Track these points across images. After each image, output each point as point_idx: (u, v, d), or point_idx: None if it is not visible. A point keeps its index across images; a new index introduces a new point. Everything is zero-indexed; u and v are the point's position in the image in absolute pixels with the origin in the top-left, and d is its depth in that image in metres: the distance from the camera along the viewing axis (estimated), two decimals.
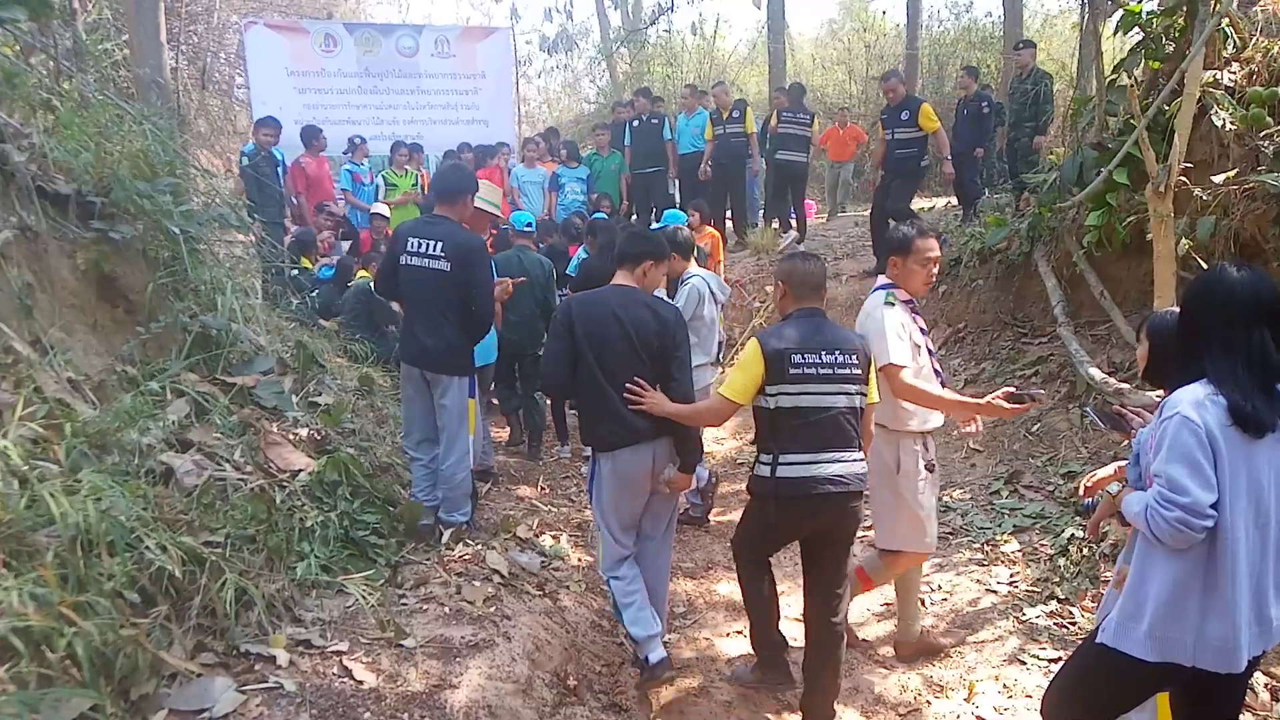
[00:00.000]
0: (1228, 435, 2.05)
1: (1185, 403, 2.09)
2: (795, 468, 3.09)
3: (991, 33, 18.47)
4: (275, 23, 11.29)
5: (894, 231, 3.51)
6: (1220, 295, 2.15)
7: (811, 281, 3.25)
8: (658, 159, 10.09)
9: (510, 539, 4.41)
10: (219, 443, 3.57)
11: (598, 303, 3.46)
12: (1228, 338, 2.11)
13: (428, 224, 4.29)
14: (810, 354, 3.09)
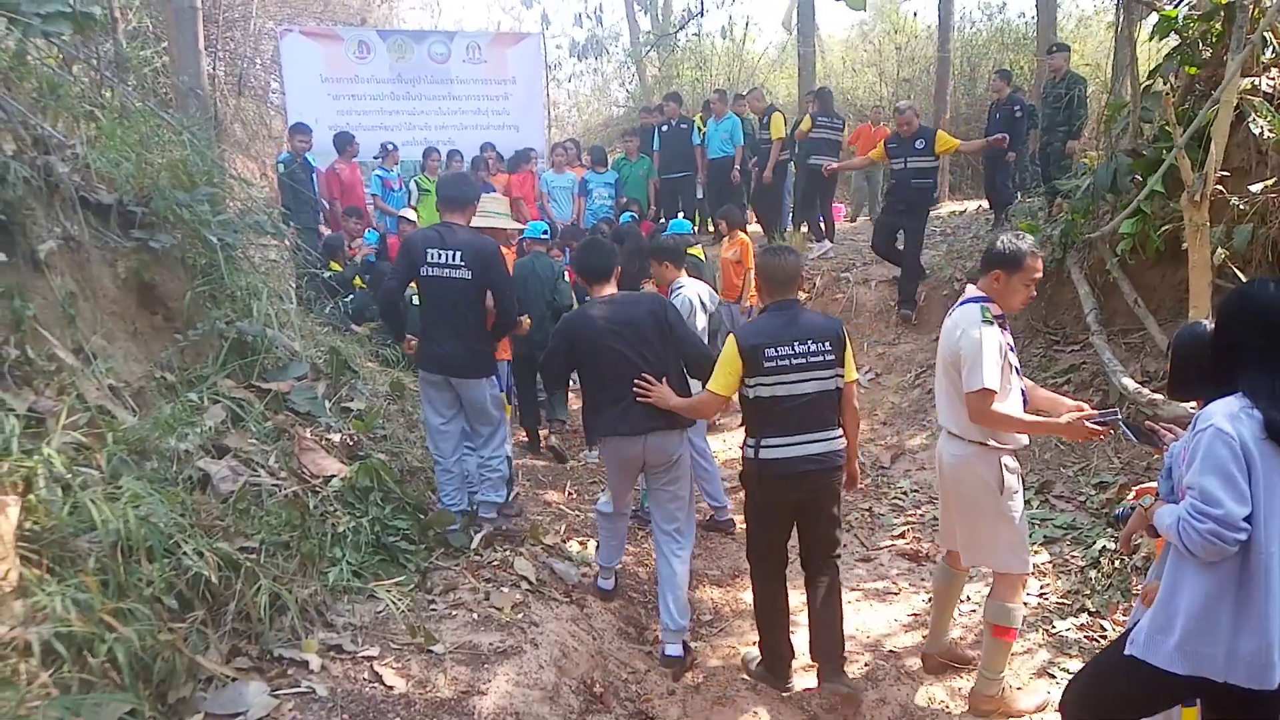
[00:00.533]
0: (1262, 449, 2.04)
1: (1220, 415, 2.08)
2: (776, 450, 3.40)
3: (1025, 34, 18.23)
4: (310, 30, 11.44)
5: (1005, 245, 3.18)
6: (1257, 309, 2.14)
7: (783, 275, 3.49)
8: (686, 164, 10.11)
9: (538, 545, 4.45)
10: (254, 448, 3.64)
11: (585, 321, 3.91)
12: (1264, 352, 2.10)
13: (442, 233, 4.33)
14: (783, 346, 3.36)
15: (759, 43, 21.27)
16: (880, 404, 7.01)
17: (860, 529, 5.11)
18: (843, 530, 3.84)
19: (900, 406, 6.86)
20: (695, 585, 4.54)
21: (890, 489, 5.61)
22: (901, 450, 6.15)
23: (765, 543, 3.66)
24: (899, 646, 3.99)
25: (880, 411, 6.92)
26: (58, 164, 3.67)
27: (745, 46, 20.05)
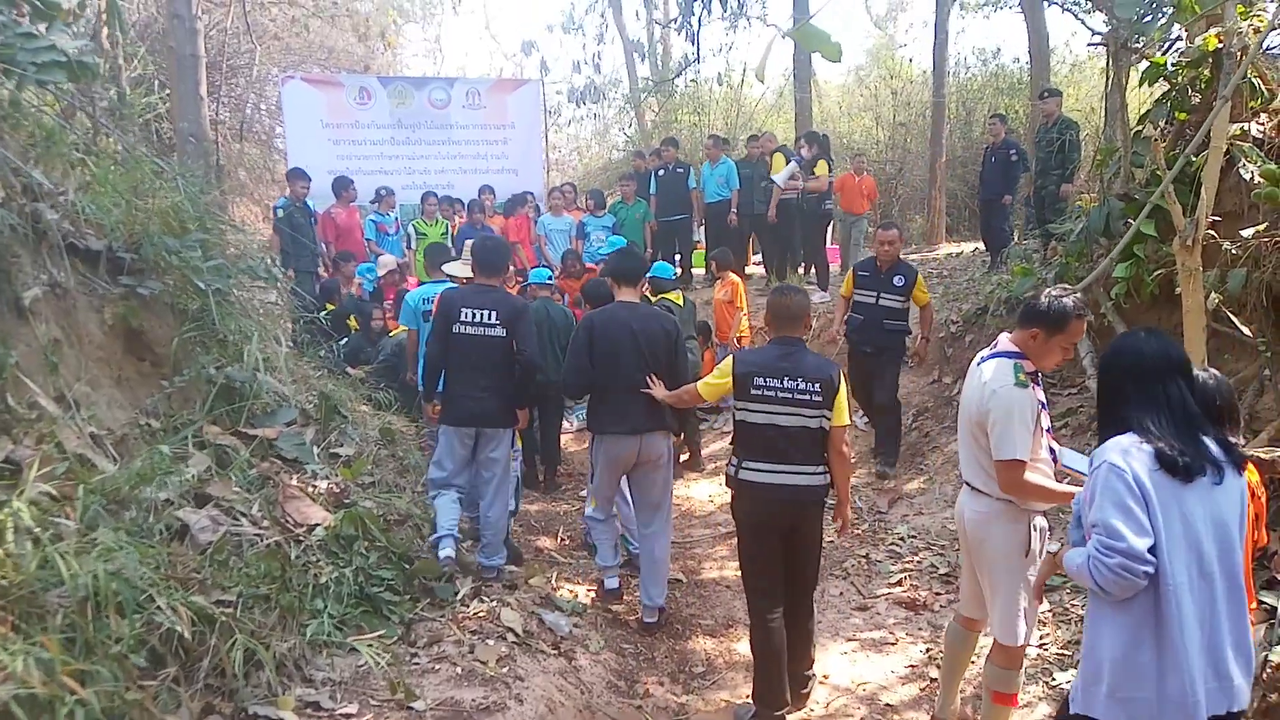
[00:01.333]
0: (1156, 480, 2.09)
1: (1112, 451, 2.15)
2: (753, 473, 3.62)
3: (1019, 79, 18.44)
4: (312, 77, 11.60)
5: (1049, 303, 2.97)
6: (1129, 355, 2.27)
7: (787, 313, 3.69)
8: (683, 207, 10.17)
9: (530, 593, 4.37)
10: (237, 497, 3.59)
11: (613, 319, 4.43)
12: (1142, 390, 2.20)
13: (478, 293, 4.62)
14: (773, 378, 3.55)
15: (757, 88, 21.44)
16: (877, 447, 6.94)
17: (857, 576, 5.02)
18: (820, 572, 4.01)
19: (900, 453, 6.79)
20: (688, 635, 4.45)
21: (888, 534, 5.53)
22: (899, 495, 6.08)
23: (755, 569, 3.74)
24: (896, 700, 3.89)
25: (878, 454, 6.84)
26: (46, 211, 3.67)
27: (743, 92, 20.33)
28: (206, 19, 14.74)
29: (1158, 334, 2.31)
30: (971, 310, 7.51)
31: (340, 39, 19.31)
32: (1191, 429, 2.15)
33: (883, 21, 30.88)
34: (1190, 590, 2.08)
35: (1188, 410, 2.17)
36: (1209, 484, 2.11)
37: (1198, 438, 2.14)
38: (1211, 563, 2.10)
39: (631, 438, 4.36)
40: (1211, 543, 2.11)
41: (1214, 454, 2.14)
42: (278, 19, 16.78)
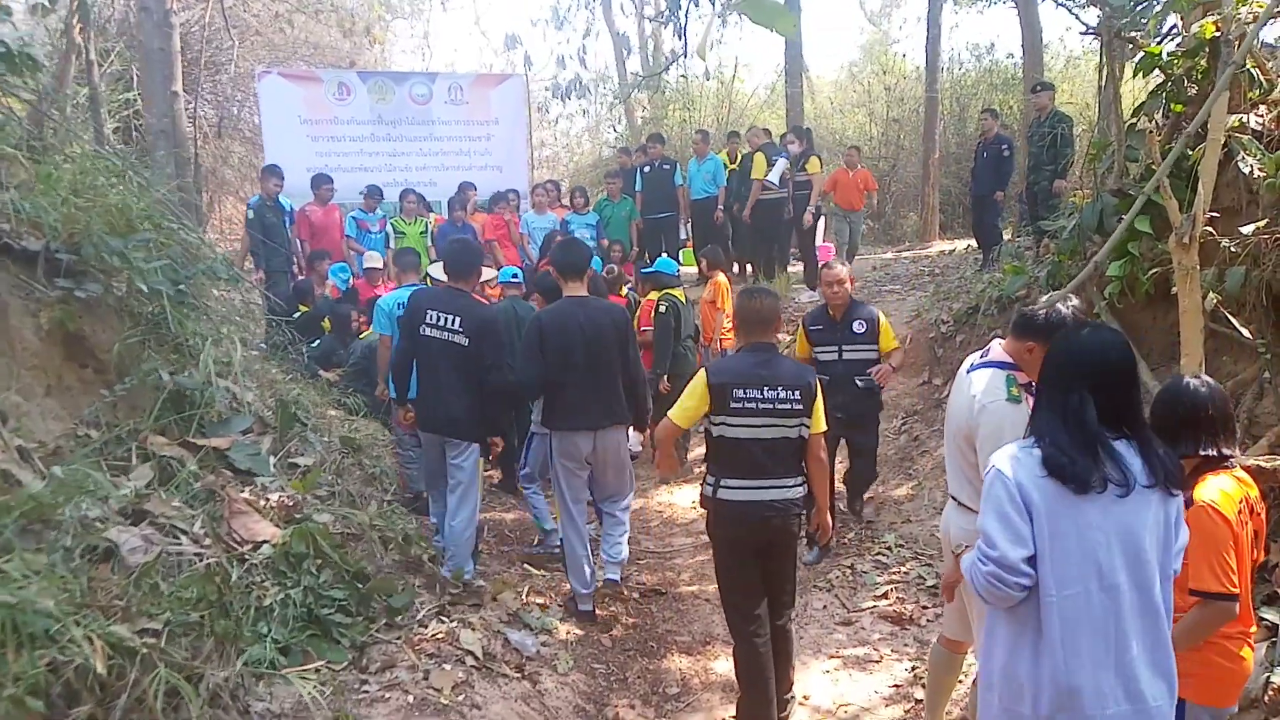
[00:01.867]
0: (1044, 488, 1.99)
1: (1000, 456, 2.08)
2: (733, 492, 3.42)
3: (1013, 75, 18.28)
4: (289, 72, 11.35)
5: (1050, 314, 2.75)
6: (1058, 353, 2.15)
7: (757, 317, 3.48)
8: (669, 204, 9.96)
9: (497, 610, 4.16)
10: (178, 513, 3.36)
11: (561, 314, 4.41)
12: (1051, 394, 2.10)
13: (446, 297, 4.60)
14: (752, 389, 3.35)
15: (749, 83, 21.25)
16: None
17: (841, 588, 4.83)
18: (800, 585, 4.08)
19: (885, 455, 6.58)
20: (663, 653, 4.25)
21: (874, 544, 5.34)
22: (885, 502, 5.88)
23: (738, 590, 3.55)
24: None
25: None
26: None
27: (734, 87, 20.11)
28: (186, 15, 14.54)
29: (1105, 334, 2.17)
30: (963, 309, 7.32)
31: (326, 35, 19.06)
32: (1088, 439, 2.00)
33: (877, 17, 30.73)
34: (1087, 604, 1.98)
35: (1083, 423, 2.01)
36: (1112, 496, 1.98)
37: (1095, 448, 1.99)
38: (1114, 575, 1.99)
39: (586, 434, 4.37)
40: (1116, 555, 1.99)
41: (1124, 465, 2.00)
42: (260, 14, 16.54)
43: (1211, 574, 2.34)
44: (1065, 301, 2.83)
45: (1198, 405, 2.50)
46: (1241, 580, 2.40)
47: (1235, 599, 2.35)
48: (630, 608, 4.70)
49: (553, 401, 4.43)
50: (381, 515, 4.85)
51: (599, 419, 4.38)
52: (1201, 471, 2.48)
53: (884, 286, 9.51)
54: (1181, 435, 2.47)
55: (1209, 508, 2.38)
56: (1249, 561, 2.48)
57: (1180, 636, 2.42)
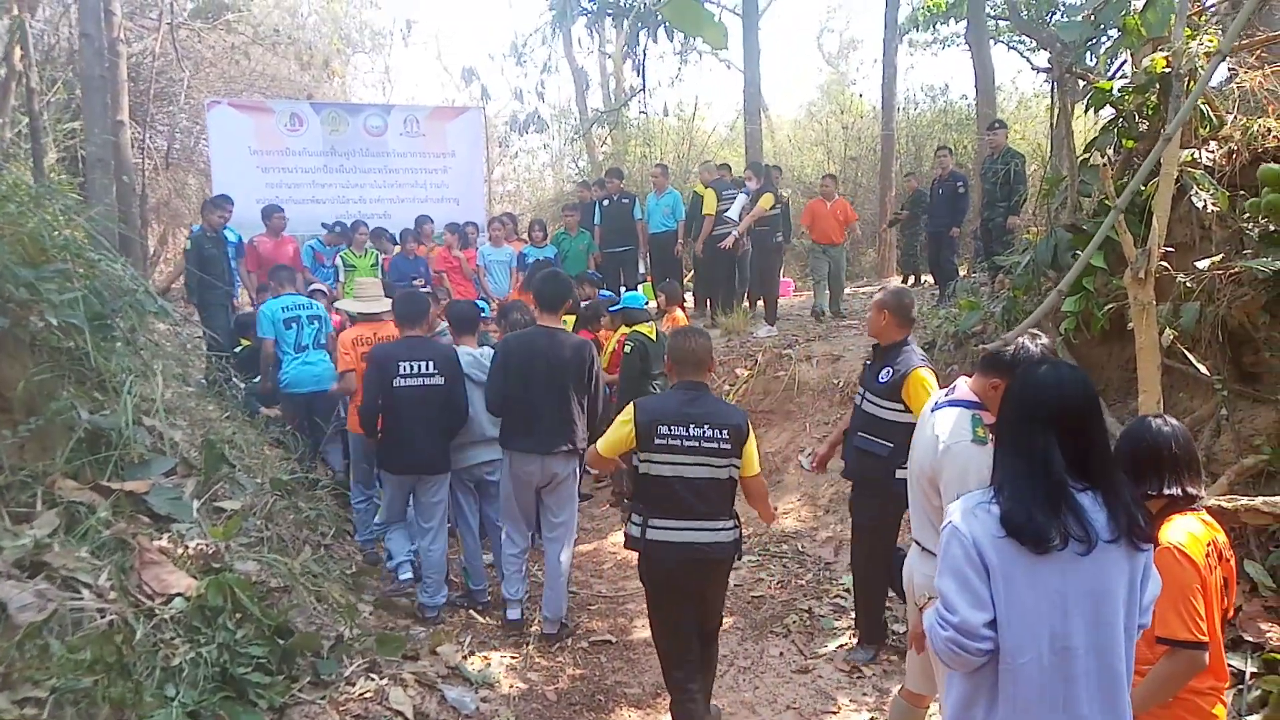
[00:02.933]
0: (1001, 548, 1.85)
1: (957, 511, 1.94)
2: (661, 532, 3.37)
3: (967, 115, 18.64)
4: (240, 102, 11.14)
5: (1017, 350, 2.64)
6: (1016, 393, 2.00)
7: (691, 358, 3.48)
8: (628, 238, 9.85)
9: (432, 664, 3.92)
10: (82, 564, 3.11)
11: (526, 343, 4.59)
12: (1013, 440, 1.95)
13: (410, 346, 4.83)
14: (678, 426, 3.33)
15: (709, 120, 21.40)
16: (823, 489, 6.62)
17: (798, 634, 4.65)
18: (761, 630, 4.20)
19: (844, 492, 6.42)
20: (610, 706, 4.03)
21: (833, 586, 5.18)
22: (843, 542, 5.72)
23: (668, 635, 3.54)
24: None
25: (823, 497, 6.52)
26: None
27: (695, 124, 20.24)
28: (139, 45, 14.27)
29: (1056, 369, 2.00)
30: (919, 345, 7.24)
31: (283, 67, 18.89)
32: (1052, 491, 1.85)
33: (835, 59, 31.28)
34: (1038, 670, 1.85)
35: (1049, 470, 1.86)
36: (1072, 554, 1.82)
37: (1059, 501, 1.84)
38: (1069, 638, 1.85)
39: (534, 456, 4.48)
40: (1073, 618, 1.85)
41: (1086, 520, 1.84)
42: (215, 46, 16.31)
43: (1179, 620, 2.21)
44: (1033, 338, 2.72)
45: (1160, 443, 2.39)
46: (1211, 630, 2.27)
47: (1205, 648, 2.22)
48: (578, 658, 4.48)
49: (509, 422, 4.57)
50: (317, 560, 4.62)
51: (548, 444, 4.48)
52: (1167, 512, 2.37)
53: (842, 322, 9.46)
54: (1145, 474, 2.37)
55: (1175, 550, 2.26)
56: (1219, 610, 2.35)
57: (1148, 692, 2.28)
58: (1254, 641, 3.39)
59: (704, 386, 3.49)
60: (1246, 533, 3.75)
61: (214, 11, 15.32)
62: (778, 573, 5.48)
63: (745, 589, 5.30)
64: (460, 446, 4.93)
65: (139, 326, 4.64)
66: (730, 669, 4.37)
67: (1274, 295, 4.03)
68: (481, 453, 4.96)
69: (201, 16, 15.22)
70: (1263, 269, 3.90)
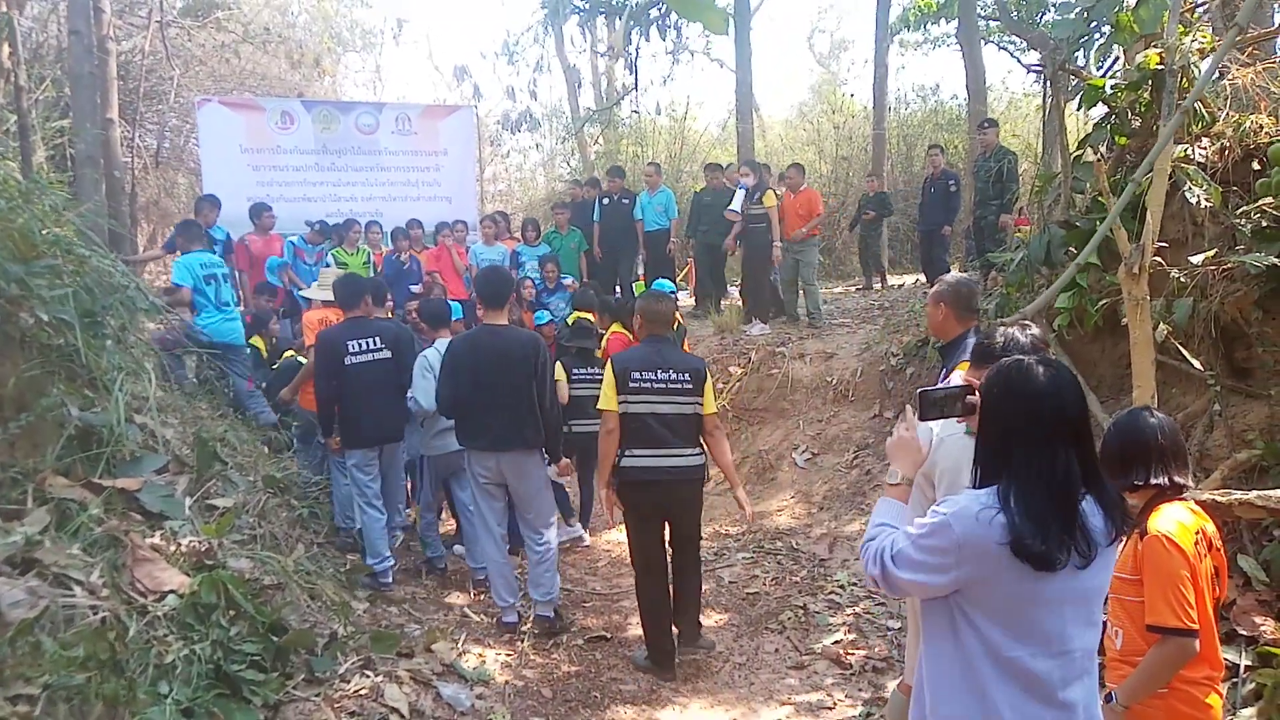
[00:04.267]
0: (1000, 556, 1.75)
1: (958, 509, 1.80)
2: (637, 459, 4.07)
3: (957, 114, 18.70)
4: (230, 100, 11.06)
5: (1007, 340, 2.53)
6: (1019, 396, 1.83)
7: (659, 316, 4.29)
8: (628, 238, 9.81)
9: (427, 661, 3.90)
10: (74, 561, 3.08)
11: (472, 342, 4.67)
12: (1023, 449, 1.79)
13: (356, 326, 5.11)
14: (648, 371, 4.07)
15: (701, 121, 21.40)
16: (816, 486, 6.62)
17: (794, 630, 4.64)
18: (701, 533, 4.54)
19: (838, 489, 6.48)
20: (606, 703, 4.01)
21: (827, 582, 5.18)
22: (837, 538, 5.73)
23: (642, 545, 4.22)
24: None
25: (817, 494, 6.52)
26: None
27: (686, 124, 20.23)
28: (129, 43, 14.18)
29: (1055, 369, 1.86)
30: (912, 342, 7.27)
31: (274, 66, 18.80)
32: (1069, 507, 1.76)
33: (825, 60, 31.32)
34: (1030, 666, 1.80)
35: (1069, 486, 1.76)
36: (1072, 568, 1.75)
37: (1074, 522, 1.76)
38: (1067, 642, 1.81)
39: (490, 454, 4.58)
40: (1071, 624, 1.81)
41: (1090, 531, 1.77)
42: (205, 44, 16.22)
43: (1168, 608, 2.22)
44: (1023, 328, 2.71)
45: (1148, 434, 2.40)
46: (1203, 618, 2.27)
47: (1195, 635, 2.22)
48: (574, 654, 4.46)
49: (463, 422, 4.64)
50: (310, 558, 4.60)
51: (504, 441, 4.55)
52: (1155, 502, 2.37)
53: (834, 320, 9.46)
54: (1132, 465, 2.38)
55: (1163, 538, 2.27)
56: (1210, 599, 2.35)
57: (1139, 682, 2.29)
58: (1248, 635, 3.40)
59: (668, 339, 4.25)
60: (1240, 527, 3.76)
61: (203, 9, 15.25)
62: (772, 569, 5.47)
63: (740, 585, 5.30)
64: (437, 434, 5.13)
65: (130, 324, 4.61)
66: (726, 665, 4.36)
67: (1267, 290, 4.05)
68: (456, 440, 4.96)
69: (191, 14, 15.15)
70: (1255, 264, 3.91)
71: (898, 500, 2.10)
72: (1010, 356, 2.49)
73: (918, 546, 1.84)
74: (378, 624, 4.33)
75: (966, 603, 1.84)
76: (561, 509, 6.07)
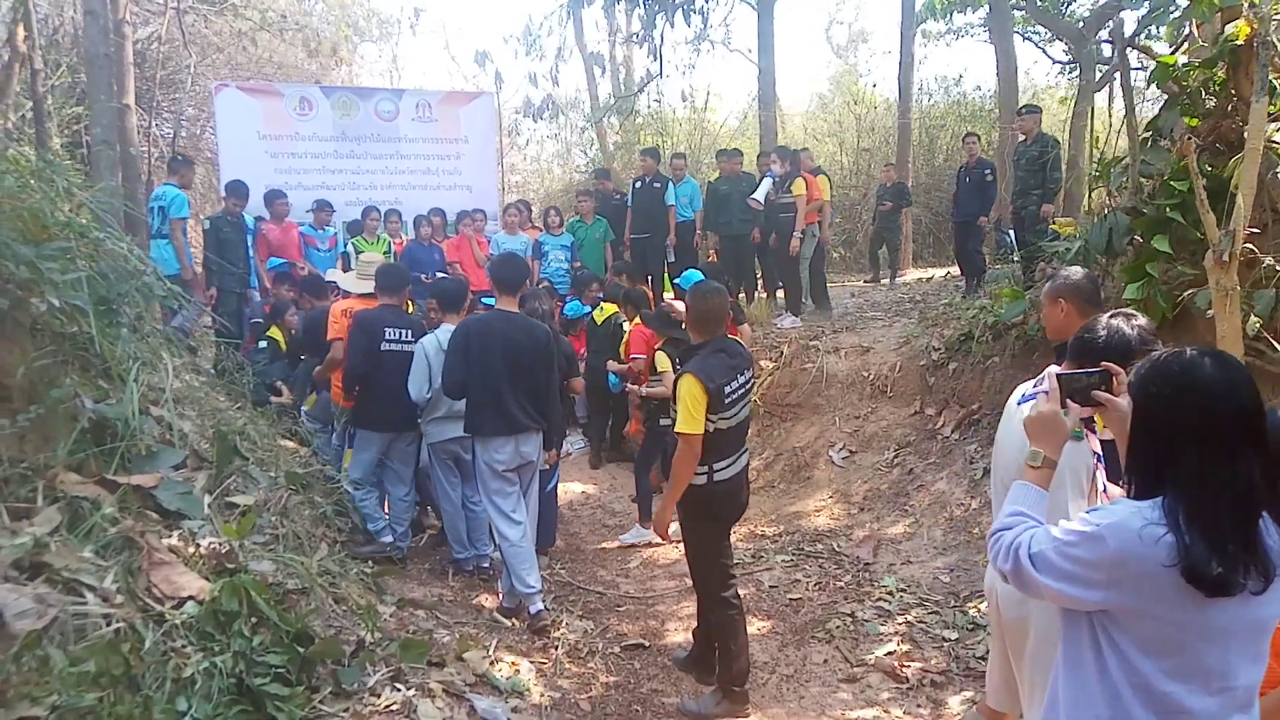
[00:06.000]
0: (1166, 580, 1.53)
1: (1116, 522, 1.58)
2: (724, 472, 3.72)
3: (981, 106, 18.35)
4: (248, 85, 10.85)
5: (1111, 334, 2.32)
6: (1191, 394, 1.58)
7: (716, 315, 3.81)
8: (657, 225, 9.52)
9: (459, 672, 3.67)
10: (85, 565, 2.86)
11: (485, 327, 4.61)
12: (1195, 455, 1.54)
13: (395, 314, 5.30)
14: (733, 381, 3.68)
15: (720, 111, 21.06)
16: (855, 486, 6.36)
17: (843, 640, 4.39)
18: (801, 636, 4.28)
19: (879, 489, 6.21)
20: (648, 717, 3.77)
21: (874, 588, 4.92)
22: (882, 541, 5.47)
23: (722, 561, 3.88)
24: None
25: (856, 494, 6.26)
26: None
27: (707, 115, 19.92)
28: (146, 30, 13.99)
29: (1225, 360, 1.62)
30: (955, 336, 6.98)
31: (291, 54, 18.63)
32: (1249, 525, 1.53)
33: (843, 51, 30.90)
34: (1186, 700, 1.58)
35: (1252, 501, 1.53)
36: (1246, 594, 1.53)
37: (1254, 536, 1.53)
38: (1230, 679, 1.58)
39: (508, 438, 4.51)
40: (1236, 657, 1.58)
41: (1268, 554, 1.53)
42: (222, 31, 16.03)
43: None
44: (1128, 319, 2.44)
45: None
46: None
47: None
48: (610, 663, 4.23)
49: (475, 409, 4.57)
50: (335, 560, 4.38)
51: (518, 424, 4.53)
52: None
53: (866, 313, 9.19)
54: None
55: None
56: None
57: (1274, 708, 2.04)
58: None
59: (726, 337, 3.84)
60: None
61: None
62: (814, 574, 5.22)
63: (781, 590, 5.05)
64: (437, 421, 5.06)
65: (146, 312, 4.40)
66: (772, 676, 4.12)
67: None
68: (458, 427, 4.90)
69: (208, 1, 14.95)
70: None
71: (1037, 485, 1.85)
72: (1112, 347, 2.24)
73: (1063, 554, 1.62)
74: (405, 629, 4.09)
75: (1114, 627, 1.60)
76: (642, 511, 6.07)
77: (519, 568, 4.51)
